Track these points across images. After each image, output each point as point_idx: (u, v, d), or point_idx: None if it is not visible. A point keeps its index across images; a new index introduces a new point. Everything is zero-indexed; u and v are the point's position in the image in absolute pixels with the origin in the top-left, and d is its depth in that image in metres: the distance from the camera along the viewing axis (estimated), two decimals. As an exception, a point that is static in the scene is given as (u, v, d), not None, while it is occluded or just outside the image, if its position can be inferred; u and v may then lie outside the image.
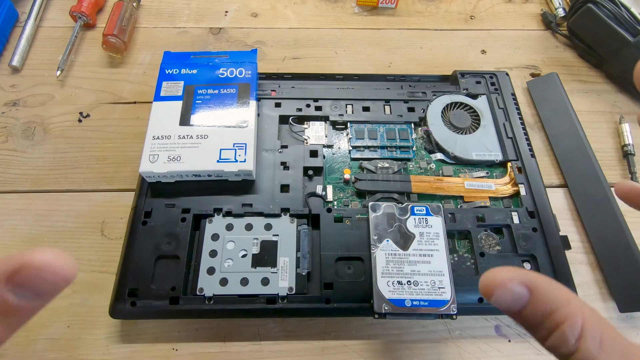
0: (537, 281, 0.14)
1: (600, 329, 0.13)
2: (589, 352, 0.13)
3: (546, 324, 0.14)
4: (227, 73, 0.40)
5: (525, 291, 0.14)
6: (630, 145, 0.43)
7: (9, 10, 0.49)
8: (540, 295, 0.14)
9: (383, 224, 0.32)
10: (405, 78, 0.44)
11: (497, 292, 0.14)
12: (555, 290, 0.14)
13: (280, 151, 0.38)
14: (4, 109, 0.44)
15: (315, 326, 0.34)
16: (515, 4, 0.55)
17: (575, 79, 0.49)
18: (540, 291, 0.14)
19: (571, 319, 0.14)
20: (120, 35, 0.46)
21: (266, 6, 0.54)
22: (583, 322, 0.13)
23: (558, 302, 0.14)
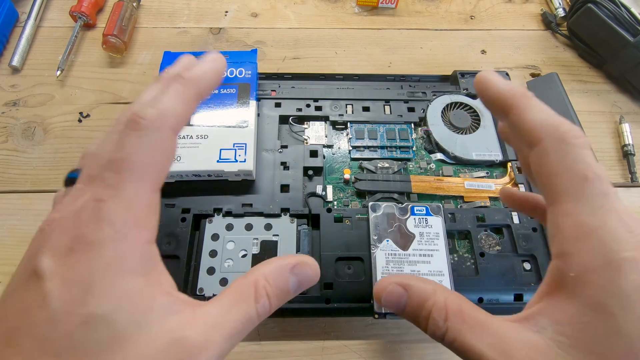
0: (410, 280, 0.18)
1: (460, 307, 0.16)
2: (454, 329, 0.16)
3: (423, 314, 0.17)
4: (227, 73, 0.40)
5: (401, 290, 0.18)
6: (630, 145, 0.43)
7: (9, 10, 0.49)
8: (414, 290, 0.17)
9: (383, 224, 0.32)
10: (405, 78, 0.44)
11: (383, 295, 0.18)
12: (424, 284, 0.18)
13: (280, 151, 0.38)
14: (4, 109, 0.44)
15: (315, 326, 0.34)
16: (515, 4, 0.55)
17: (575, 79, 0.49)
18: (414, 287, 0.17)
19: (437, 304, 0.16)
20: (120, 35, 0.46)
21: (266, 6, 0.54)
22: (446, 306, 0.16)
23: (427, 293, 0.17)
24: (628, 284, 0.13)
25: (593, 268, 0.14)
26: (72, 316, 0.13)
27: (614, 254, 0.14)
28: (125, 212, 0.15)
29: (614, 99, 0.47)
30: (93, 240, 0.14)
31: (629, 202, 0.40)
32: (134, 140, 0.16)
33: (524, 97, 0.17)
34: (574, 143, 0.16)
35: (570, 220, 0.15)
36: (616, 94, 0.48)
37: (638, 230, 0.14)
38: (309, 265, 0.18)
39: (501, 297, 0.32)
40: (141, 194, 0.16)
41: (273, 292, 0.17)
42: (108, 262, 0.14)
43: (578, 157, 0.15)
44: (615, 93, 0.48)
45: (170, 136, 0.17)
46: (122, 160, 0.15)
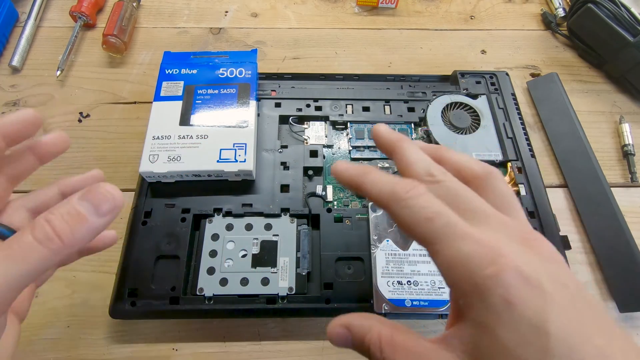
0: (352, 320, 0.19)
1: (391, 338, 0.18)
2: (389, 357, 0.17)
3: (364, 349, 0.18)
4: (227, 73, 0.40)
5: (344, 330, 0.19)
6: (630, 145, 0.43)
7: (9, 10, 0.49)
8: (354, 330, 0.19)
9: (383, 224, 0.32)
10: (405, 78, 0.44)
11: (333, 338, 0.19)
12: (364, 321, 0.19)
13: (280, 151, 0.38)
14: (4, 109, 0.44)
15: (315, 326, 0.34)
16: (515, 4, 0.55)
17: (575, 79, 0.49)
18: (354, 327, 0.19)
19: (372, 340, 0.18)
20: (120, 35, 0.46)
21: (266, 6, 0.54)
22: (380, 339, 0.18)
23: (364, 330, 0.18)
24: (496, 300, 0.15)
25: (469, 292, 0.16)
26: None
27: (478, 275, 0.15)
28: None
29: (614, 99, 0.47)
30: None
31: (629, 202, 0.40)
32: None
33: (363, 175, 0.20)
34: (408, 197, 0.18)
35: (438, 259, 0.17)
36: (616, 94, 0.48)
37: (494, 243, 0.16)
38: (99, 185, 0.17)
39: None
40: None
41: (54, 217, 0.16)
42: None
43: (415, 207, 0.17)
44: (615, 93, 0.48)
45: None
46: None
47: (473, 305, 0.16)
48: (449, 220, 0.17)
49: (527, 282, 0.15)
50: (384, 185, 0.19)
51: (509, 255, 0.15)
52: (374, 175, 0.19)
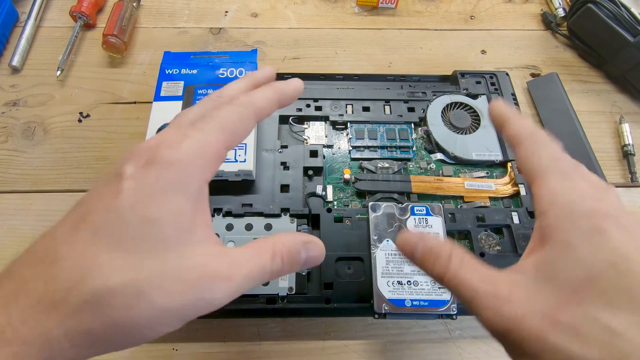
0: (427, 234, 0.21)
1: (462, 255, 0.19)
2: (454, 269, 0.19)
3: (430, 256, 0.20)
4: (227, 73, 0.40)
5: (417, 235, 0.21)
6: (630, 145, 0.43)
7: (9, 10, 0.49)
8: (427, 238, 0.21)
9: (383, 224, 0.32)
10: (405, 78, 0.44)
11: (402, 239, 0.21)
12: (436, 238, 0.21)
13: (280, 151, 0.38)
14: (4, 109, 0.44)
15: (315, 326, 0.34)
16: (515, 4, 0.55)
17: (575, 79, 0.49)
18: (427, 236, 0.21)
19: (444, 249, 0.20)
20: (120, 35, 0.46)
21: (266, 6, 0.54)
22: (451, 252, 0.20)
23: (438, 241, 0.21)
24: (589, 225, 0.17)
25: (562, 216, 0.18)
26: (134, 213, 0.17)
27: (577, 205, 0.18)
28: (199, 148, 0.19)
29: (614, 99, 0.47)
30: (167, 160, 0.18)
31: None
32: (225, 108, 0.20)
33: (515, 114, 0.23)
34: (547, 140, 0.21)
35: (544, 187, 0.19)
36: (616, 94, 0.48)
37: (600, 189, 0.19)
38: (318, 246, 0.22)
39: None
40: (216, 143, 0.19)
41: (286, 256, 0.20)
42: (172, 180, 0.18)
43: (550, 146, 0.21)
44: (615, 93, 0.48)
45: (252, 117, 0.21)
46: (211, 116, 0.20)
47: (561, 227, 0.18)
48: (571, 165, 0.20)
49: (620, 223, 0.17)
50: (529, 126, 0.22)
51: (608, 200, 0.18)
52: (523, 117, 0.23)
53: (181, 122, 0.20)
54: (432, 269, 0.20)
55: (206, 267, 0.18)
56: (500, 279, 0.18)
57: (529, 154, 0.21)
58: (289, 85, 0.24)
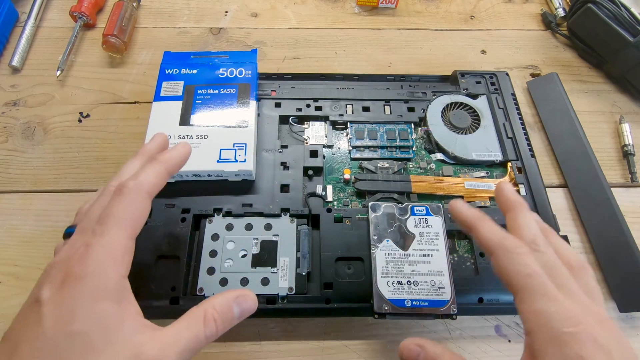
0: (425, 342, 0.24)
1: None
2: None
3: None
4: (227, 73, 0.40)
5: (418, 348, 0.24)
6: (630, 145, 0.43)
7: (9, 10, 0.49)
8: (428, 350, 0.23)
9: (383, 224, 0.32)
10: (405, 78, 0.44)
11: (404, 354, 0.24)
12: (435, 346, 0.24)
13: (280, 151, 0.38)
14: (4, 109, 0.44)
15: (315, 326, 0.34)
16: (515, 4, 0.55)
17: (575, 79, 0.49)
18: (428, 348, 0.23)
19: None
20: (120, 35, 0.46)
21: (266, 6, 0.54)
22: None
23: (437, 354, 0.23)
24: (571, 353, 0.18)
25: (547, 342, 0.19)
26: (59, 332, 0.18)
27: (557, 330, 0.19)
28: (106, 253, 0.20)
29: (614, 99, 0.47)
30: (79, 274, 0.19)
31: (629, 202, 0.40)
32: (117, 201, 0.22)
33: (480, 220, 0.25)
34: (516, 252, 0.22)
35: (525, 306, 0.21)
36: (616, 94, 0.48)
37: (577, 311, 0.19)
38: (249, 297, 0.23)
39: (501, 297, 0.32)
40: (120, 240, 0.21)
41: (219, 317, 0.22)
42: (90, 291, 0.19)
43: (520, 262, 0.21)
44: (615, 93, 0.48)
45: (145, 198, 0.23)
46: (107, 215, 0.21)
47: (549, 352, 0.19)
48: (544, 282, 0.21)
49: (599, 348, 0.18)
50: (496, 235, 0.23)
51: (587, 324, 0.19)
52: (489, 224, 0.24)
53: (85, 228, 0.22)
54: None
55: (135, 357, 0.19)
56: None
57: (502, 266, 0.22)
58: (176, 153, 0.26)
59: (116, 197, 0.22)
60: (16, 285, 0.35)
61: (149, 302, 0.31)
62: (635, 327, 0.35)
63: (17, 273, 0.35)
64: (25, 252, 0.36)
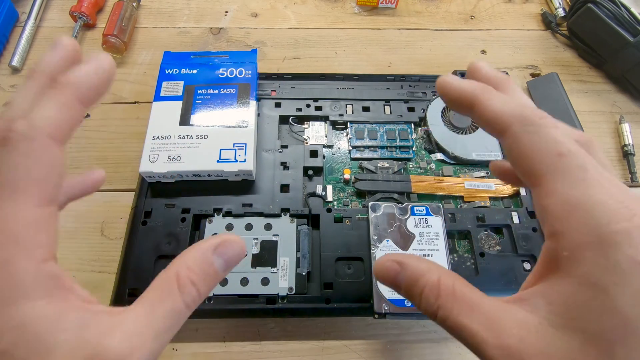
0: (406, 259, 0.18)
1: (452, 286, 0.16)
2: (446, 308, 0.15)
3: (416, 291, 0.17)
4: (227, 73, 0.40)
5: (397, 266, 0.18)
6: (630, 145, 0.43)
7: (9, 10, 0.49)
8: (408, 267, 0.17)
9: (383, 224, 0.32)
10: (405, 78, 0.44)
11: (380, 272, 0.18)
12: (419, 262, 0.17)
13: (280, 151, 0.38)
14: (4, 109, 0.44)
15: (315, 326, 0.34)
16: (515, 4, 0.55)
17: (575, 79, 0.49)
18: (408, 265, 0.17)
19: (430, 282, 0.16)
20: (120, 35, 0.46)
21: (266, 6, 0.54)
22: (439, 284, 0.16)
23: (421, 271, 0.17)
24: (623, 259, 0.13)
25: (585, 244, 0.14)
26: None
27: (604, 227, 0.14)
28: (3, 236, 0.14)
29: (614, 99, 0.47)
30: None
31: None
32: (5, 157, 0.14)
33: (484, 91, 0.18)
34: (541, 123, 0.16)
35: (554, 199, 0.15)
36: (616, 94, 0.48)
37: (628, 201, 0.14)
38: (233, 241, 0.17)
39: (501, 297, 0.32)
40: (23, 213, 0.14)
41: (198, 278, 0.17)
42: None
43: (548, 136, 0.16)
44: (615, 93, 0.48)
45: (47, 145, 0.15)
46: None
47: (586, 260, 0.14)
48: (584, 162, 0.15)
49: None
50: (510, 104, 0.17)
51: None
52: (496, 93, 0.18)
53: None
54: (419, 305, 0.17)
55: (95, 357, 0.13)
56: (505, 321, 0.14)
57: (521, 147, 0.16)
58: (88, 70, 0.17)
59: (1, 150, 0.14)
60: (16, 285, 0.35)
61: (149, 302, 0.31)
62: (635, 327, 0.35)
63: (17, 273, 0.35)
64: None
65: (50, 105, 0.16)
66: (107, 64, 0.17)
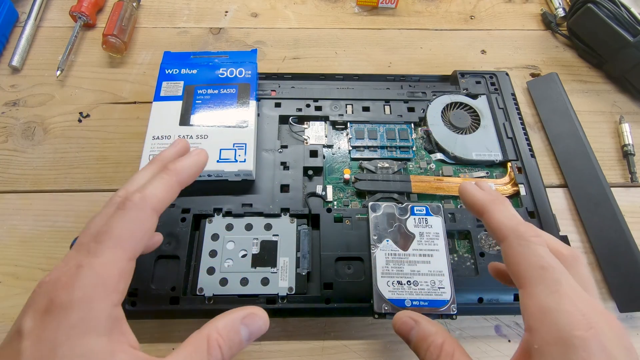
0: (421, 318, 0.23)
1: (452, 351, 0.20)
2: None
3: (423, 346, 0.21)
4: (227, 73, 0.40)
5: (413, 323, 0.23)
6: (630, 145, 0.43)
7: (9, 10, 0.49)
8: (421, 326, 0.22)
9: (383, 224, 0.32)
10: (405, 78, 0.44)
11: (399, 324, 0.23)
12: (430, 324, 0.22)
13: (280, 151, 0.38)
14: (4, 109, 0.44)
15: (315, 326, 0.34)
16: (515, 4, 0.55)
17: (575, 79, 0.49)
18: (422, 324, 0.22)
19: (435, 342, 0.21)
20: (120, 35, 0.46)
21: (266, 6, 0.54)
22: (442, 346, 0.20)
23: (431, 331, 0.21)
24: (578, 358, 0.17)
25: (552, 342, 0.18)
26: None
27: (567, 332, 0.17)
28: (98, 278, 0.18)
29: (614, 99, 0.47)
30: (64, 303, 0.17)
31: (629, 202, 0.40)
32: (118, 217, 0.19)
33: (493, 203, 0.22)
34: (532, 240, 0.20)
35: (532, 302, 0.19)
36: (616, 94, 0.48)
37: (590, 314, 0.18)
38: (259, 316, 0.21)
39: (501, 297, 0.32)
40: (116, 262, 0.18)
41: (225, 343, 0.19)
42: (75, 323, 0.17)
43: (535, 251, 0.20)
44: (615, 93, 0.48)
45: (150, 215, 0.20)
46: (105, 232, 0.19)
47: (550, 355, 0.17)
48: (559, 277, 0.19)
49: (607, 357, 0.17)
50: (510, 219, 0.21)
51: (598, 329, 0.17)
52: (503, 206, 0.22)
53: (81, 244, 0.19)
54: (423, 358, 0.21)
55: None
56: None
57: (514, 255, 0.20)
58: (190, 162, 0.23)
59: (118, 212, 0.20)
60: (16, 285, 0.35)
61: (149, 302, 0.31)
62: (636, 327, 0.35)
63: (17, 273, 0.35)
64: (25, 252, 0.36)
65: (159, 185, 0.21)
66: (203, 158, 0.24)
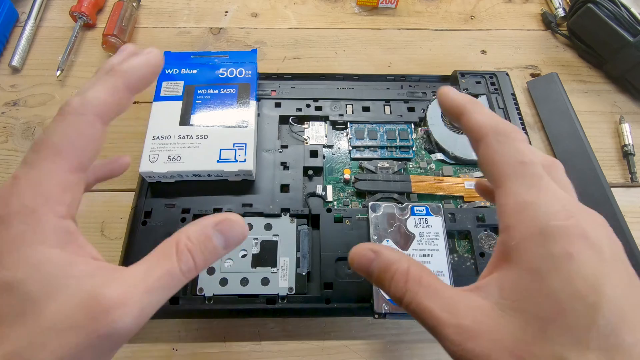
0: (380, 248, 0.20)
1: (420, 274, 0.18)
2: (412, 291, 0.18)
3: (387, 277, 0.19)
4: (227, 73, 0.40)
5: (372, 254, 0.20)
6: (630, 145, 0.43)
7: (9, 10, 0.49)
8: (382, 256, 0.19)
9: (383, 224, 0.32)
10: (405, 78, 0.44)
11: (356, 259, 0.20)
12: (391, 252, 0.20)
13: (280, 151, 0.38)
14: (4, 109, 0.44)
15: (315, 326, 0.34)
16: (515, 4, 0.55)
17: (575, 79, 0.49)
18: (382, 253, 0.19)
19: (400, 269, 0.19)
20: (120, 35, 0.46)
21: (266, 6, 0.54)
22: (408, 271, 0.18)
23: (393, 259, 0.19)
24: (557, 249, 0.15)
25: (529, 236, 0.16)
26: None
27: (545, 223, 0.16)
28: (35, 188, 0.16)
29: (614, 99, 0.47)
30: (3, 216, 0.16)
31: (629, 202, 0.40)
32: (55, 124, 0.17)
33: (472, 103, 0.21)
34: (512, 137, 0.19)
35: (510, 198, 0.18)
36: (616, 94, 0.48)
37: (569, 205, 0.17)
38: (234, 222, 0.19)
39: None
40: (55, 171, 0.17)
41: (196, 248, 0.18)
42: (17, 235, 0.16)
43: (515, 147, 0.18)
44: (615, 93, 0.48)
45: (92, 121, 0.18)
46: (42, 141, 0.17)
47: (528, 250, 0.16)
48: (539, 172, 0.18)
49: (590, 245, 0.15)
50: (490, 118, 0.20)
51: (579, 218, 0.16)
52: (482, 107, 0.20)
53: (24, 158, 0.18)
54: (389, 289, 0.19)
55: (92, 301, 0.15)
56: (462, 305, 0.17)
57: (491, 153, 0.19)
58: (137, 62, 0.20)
59: (56, 119, 0.18)
60: (16, 285, 0.35)
61: (149, 302, 0.31)
62: (635, 327, 0.35)
63: (17, 273, 0.35)
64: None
65: (101, 88, 0.19)
66: (154, 57, 0.20)
